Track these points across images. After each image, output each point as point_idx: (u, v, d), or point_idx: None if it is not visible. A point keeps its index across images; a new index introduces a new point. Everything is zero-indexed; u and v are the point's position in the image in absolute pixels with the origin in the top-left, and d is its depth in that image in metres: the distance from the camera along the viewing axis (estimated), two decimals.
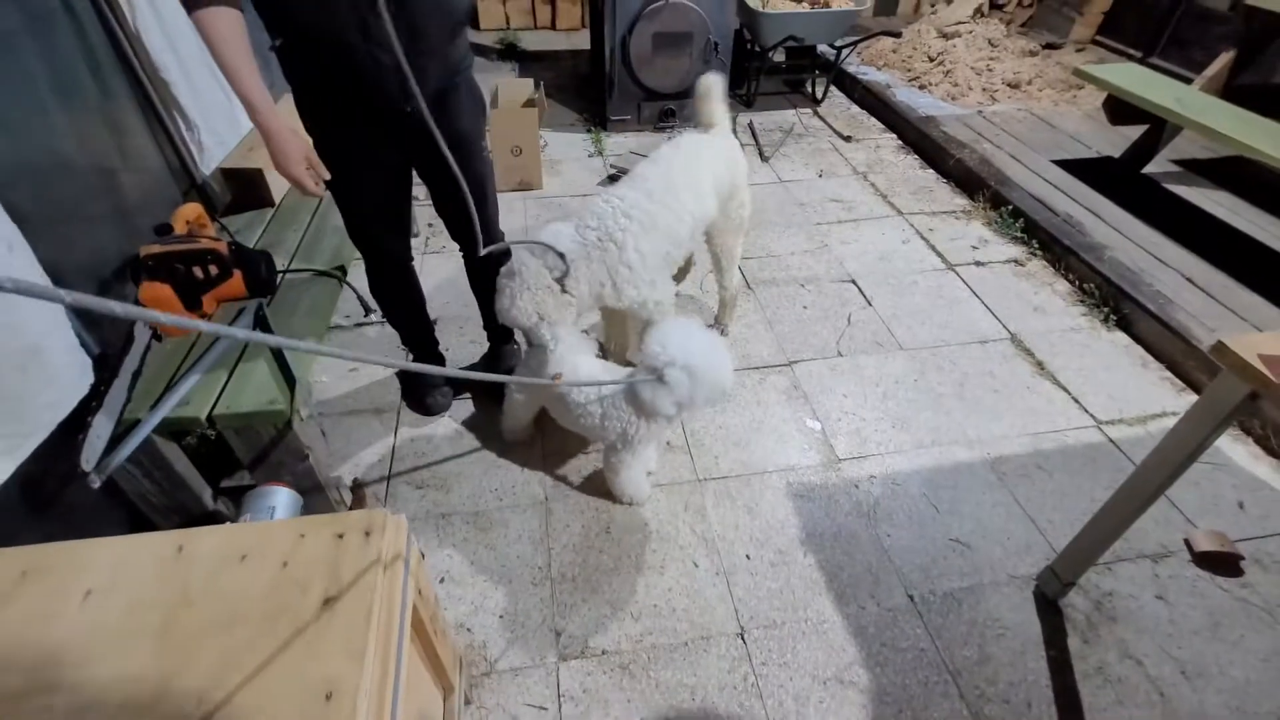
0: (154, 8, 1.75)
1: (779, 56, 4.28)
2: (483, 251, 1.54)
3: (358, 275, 1.90)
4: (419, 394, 2.12)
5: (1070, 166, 3.36)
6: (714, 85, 1.99)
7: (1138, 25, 4.70)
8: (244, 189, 2.09)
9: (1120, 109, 3.22)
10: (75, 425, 1.31)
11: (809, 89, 4.47)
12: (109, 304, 0.49)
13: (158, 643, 0.80)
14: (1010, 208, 3.06)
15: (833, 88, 4.48)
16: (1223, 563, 1.72)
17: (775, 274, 2.76)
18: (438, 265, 2.75)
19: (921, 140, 3.75)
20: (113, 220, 1.60)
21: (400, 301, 1.96)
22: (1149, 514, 1.45)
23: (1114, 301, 2.53)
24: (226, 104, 2.13)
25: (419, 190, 1.73)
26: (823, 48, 4.32)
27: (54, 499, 1.34)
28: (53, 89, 1.45)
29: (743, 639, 1.56)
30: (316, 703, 0.75)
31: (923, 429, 2.09)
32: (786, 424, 2.10)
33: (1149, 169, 3.32)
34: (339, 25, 1.26)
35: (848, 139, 3.90)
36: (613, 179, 3.40)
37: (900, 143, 3.90)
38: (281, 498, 1.45)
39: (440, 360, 2.15)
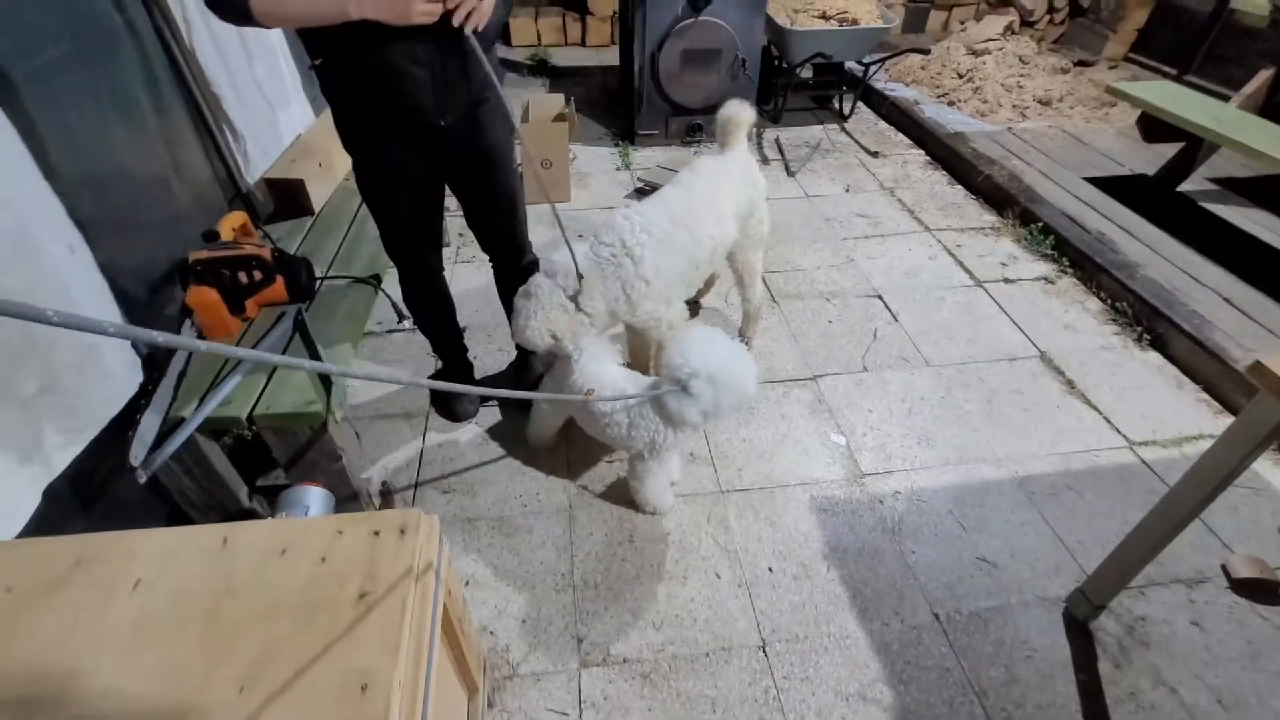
0: (207, 25, 1.84)
1: (806, 73, 4.31)
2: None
3: (392, 283, 1.95)
4: (447, 400, 2.16)
5: (1102, 184, 3.32)
6: (743, 117, 1.99)
7: (1173, 42, 4.64)
8: (286, 198, 2.17)
9: (1154, 126, 3.19)
10: (124, 422, 1.37)
11: (836, 105, 4.48)
12: (151, 334, 0.51)
13: (203, 631, 0.83)
14: (1040, 225, 3.03)
15: (860, 104, 4.49)
16: (1262, 590, 1.67)
17: (800, 288, 2.77)
18: (468, 275, 2.81)
19: (950, 156, 3.73)
20: (164, 227, 1.67)
21: (431, 310, 2.01)
22: (1184, 538, 1.42)
23: (1147, 320, 2.48)
24: (271, 116, 2.22)
25: (450, 202, 1.78)
26: (850, 64, 4.34)
27: (102, 492, 1.40)
28: (115, 104, 1.53)
29: (764, 652, 1.56)
30: (352, 694, 0.77)
31: (949, 446, 2.07)
32: (810, 438, 2.10)
33: (1184, 187, 3.26)
34: (376, 44, 1.31)
35: (875, 155, 3.90)
36: (640, 193, 3.45)
37: (928, 159, 3.89)
38: (315, 497, 1.49)
39: (469, 366, 2.20)
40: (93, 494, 1.38)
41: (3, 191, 1.12)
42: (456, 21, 1.27)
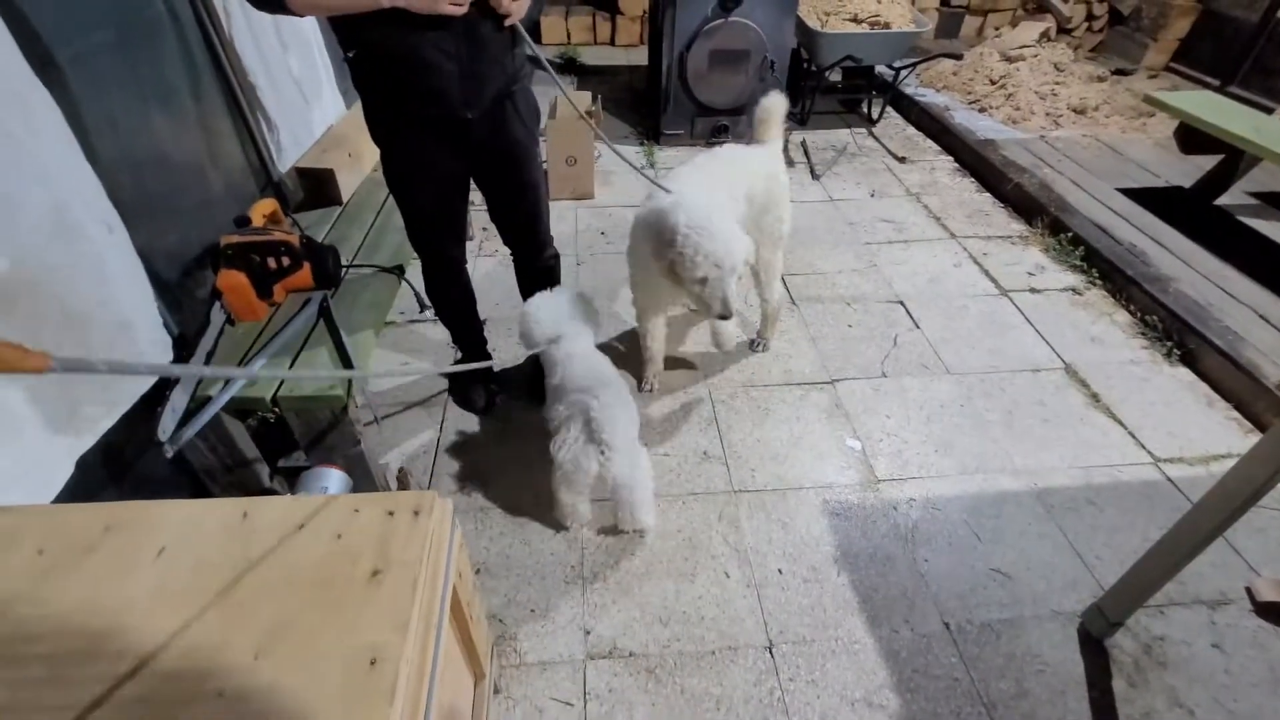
0: (246, 16, 1.89)
1: (835, 76, 4.28)
2: None
3: (415, 274, 1.99)
4: (465, 391, 2.19)
5: (1136, 195, 3.25)
6: (776, 109, 2.01)
7: (1216, 52, 4.53)
8: (315, 187, 2.22)
9: (1192, 137, 3.11)
10: (154, 399, 1.41)
11: (865, 109, 4.44)
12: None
13: (221, 599, 0.86)
14: (1070, 235, 2.98)
15: (889, 109, 4.45)
16: None
17: (821, 291, 2.75)
18: (490, 268, 2.84)
19: (979, 163, 3.68)
20: (198, 211, 1.72)
21: (453, 301, 2.04)
22: (1208, 558, 1.39)
23: (1178, 335, 2.42)
24: (303, 107, 2.27)
25: (474, 196, 1.81)
26: (881, 68, 4.30)
27: (131, 465, 1.44)
28: (155, 90, 1.58)
29: (771, 653, 1.56)
30: (361, 667, 0.79)
31: (967, 455, 2.04)
32: (826, 441, 2.09)
33: (1222, 200, 3.18)
34: (407, 37, 1.34)
35: (902, 160, 3.86)
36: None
37: (956, 165, 3.84)
38: (333, 479, 1.53)
39: (488, 359, 2.22)
40: (122, 466, 1.42)
41: (47, 169, 1.16)
42: (502, 10, 1.32)
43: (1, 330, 1.11)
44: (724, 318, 1.68)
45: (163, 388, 1.42)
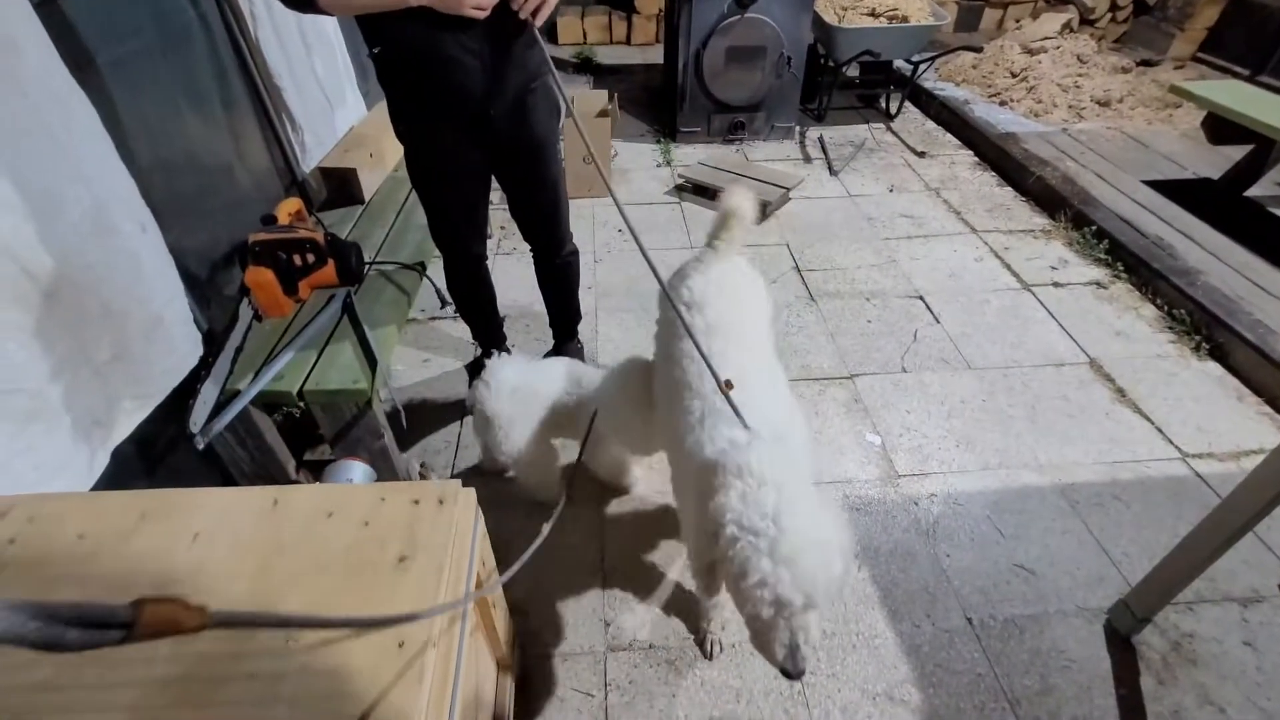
0: (272, 19, 1.93)
1: (853, 71, 4.25)
2: None
3: (436, 271, 2.01)
4: None
5: (1163, 187, 3.18)
6: (745, 208, 1.46)
7: (1245, 41, 4.42)
8: (338, 187, 2.26)
9: (1221, 128, 3.04)
10: (185, 393, 1.45)
11: (883, 104, 4.41)
12: None
13: (254, 582, 0.88)
14: (1094, 228, 2.93)
15: (908, 103, 4.41)
16: None
17: (840, 287, 2.74)
18: (509, 266, 2.87)
19: (1000, 157, 3.64)
20: (226, 210, 1.77)
21: (473, 298, 2.06)
22: (1239, 555, 1.37)
23: (1207, 329, 2.37)
24: (327, 108, 2.31)
25: (494, 196, 1.83)
26: (899, 63, 4.26)
27: (163, 458, 1.48)
28: (186, 93, 1.62)
29: None
30: (390, 649, 0.81)
31: (989, 450, 2.02)
32: (845, 436, 2.08)
33: (1252, 191, 3.11)
34: (431, 34, 1.36)
35: (921, 155, 3.83)
36: (680, 189, 3.45)
37: (977, 159, 3.79)
38: (358, 471, 1.56)
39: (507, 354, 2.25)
40: (155, 458, 1.46)
41: (85, 171, 1.20)
42: (523, 15, 1.33)
43: (46, 326, 1.15)
44: (789, 675, 0.97)
45: (194, 382, 1.46)
